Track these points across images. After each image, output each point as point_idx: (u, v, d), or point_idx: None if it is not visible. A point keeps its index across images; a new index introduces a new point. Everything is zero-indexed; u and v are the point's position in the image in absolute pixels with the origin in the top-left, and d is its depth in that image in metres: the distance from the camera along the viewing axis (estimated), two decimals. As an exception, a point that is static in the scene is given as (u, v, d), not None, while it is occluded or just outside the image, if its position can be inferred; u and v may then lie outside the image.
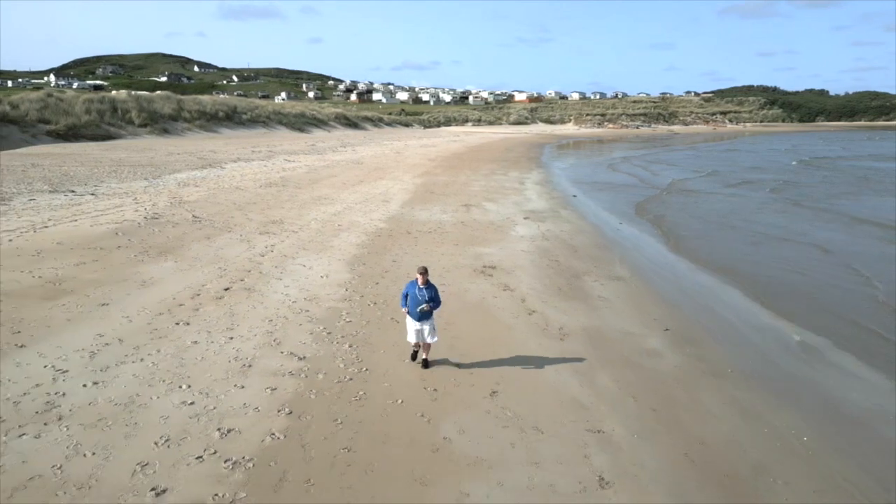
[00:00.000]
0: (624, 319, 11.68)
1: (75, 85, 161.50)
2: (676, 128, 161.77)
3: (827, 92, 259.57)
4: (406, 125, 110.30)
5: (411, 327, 8.57)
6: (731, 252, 19.03)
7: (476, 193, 28.05)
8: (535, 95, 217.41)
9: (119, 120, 47.38)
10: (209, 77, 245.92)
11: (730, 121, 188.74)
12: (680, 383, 8.96)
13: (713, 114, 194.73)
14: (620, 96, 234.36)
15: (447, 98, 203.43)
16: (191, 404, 7.27)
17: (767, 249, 19.36)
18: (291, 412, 7.25)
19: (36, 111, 41.49)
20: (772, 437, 7.56)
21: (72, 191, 21.51)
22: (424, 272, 8.62)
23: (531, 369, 9.00)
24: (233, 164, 34.68)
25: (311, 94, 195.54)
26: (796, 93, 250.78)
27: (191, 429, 6.73)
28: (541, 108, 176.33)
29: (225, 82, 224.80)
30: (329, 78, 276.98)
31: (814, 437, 7.65)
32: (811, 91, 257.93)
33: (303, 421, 7.08)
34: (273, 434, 6.75)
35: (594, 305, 12.41)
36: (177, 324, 9.77)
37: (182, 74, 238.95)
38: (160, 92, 63.03)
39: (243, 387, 7.79)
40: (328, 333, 9.83)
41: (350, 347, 9.32)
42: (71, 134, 41.73)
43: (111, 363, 8.18)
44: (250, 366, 8.41)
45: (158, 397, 7.38)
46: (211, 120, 57.31)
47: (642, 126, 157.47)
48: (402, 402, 7.67)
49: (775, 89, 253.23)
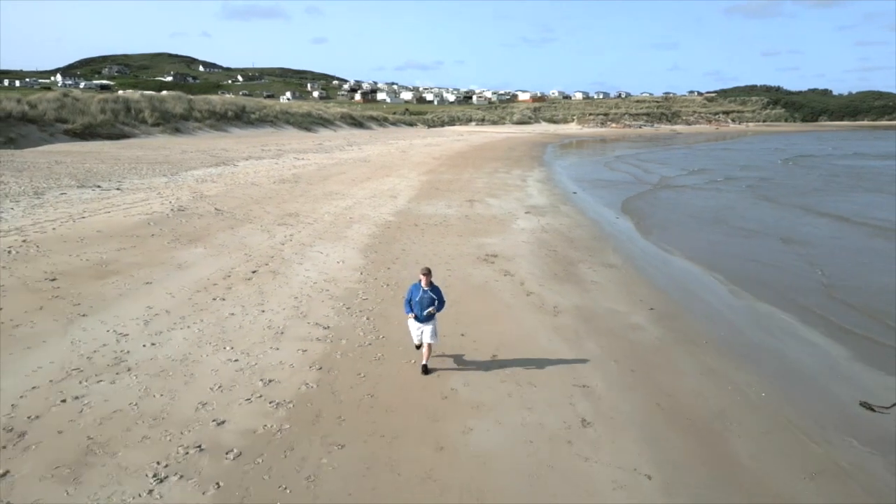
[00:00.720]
0: (613, 300, 12.90)
1: (82, 85, 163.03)
2: (679, 127, 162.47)
3: (830, 92, 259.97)
4: (410, 125, 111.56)
5: (413, 329, 8.62)
6: (706, 242, 20.49)
7: (479, 190, 29.25)
8: (539, 95, 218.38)
9: (133, 119, 48.80)
10: (214, 77, 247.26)
11: (732, 120, 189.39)
12: (657, 350, 10.19)
13: (716, 113, 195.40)
14: (624, 96, 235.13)
15: (451, 98, 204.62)
16: (235, 361, 8.54)
17: (737, 240, 20.90)
18: (321, 368, 8.52)
19: (53, 111, 42.92)
20: (733, 392, 8.79)
21: (98, 186, 22.84)
22: (428, 273, 8.54)
23: (527, 338, 10.24)
24: (245, 162, 35.99)
25: (316, 94, 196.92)
26: (799, 92, 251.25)
27: (238, 379, 8.01)
28: (544, 108, 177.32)
29: (230, 82, 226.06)
30: (333, 78, 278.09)
31: (770, 392, 8.88)
32: (814, 91, 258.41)
33: (331, 375, 8.34)
34: (307, 384, 8.02)
35: (586, 288, 13.63)
36: (214, 299, 11.06)
37: (187, 74, 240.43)
38: (171, 92, 64.55)
39: (278, 349, 9.06)
40: (347, 308, 11.09)
41: (367, 320, 10.58)
42: (87, 133, 43.12)
43: (163, 329, 9.47)
44: (282, 333, 9.69)
45: (207, 356, 8.66)
46: (221, 119, 58.74)
47: (645, 126, 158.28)
48: (415, 363, 8.90)
49: (778, 89, 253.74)
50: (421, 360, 8.67)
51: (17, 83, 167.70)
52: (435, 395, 7.98)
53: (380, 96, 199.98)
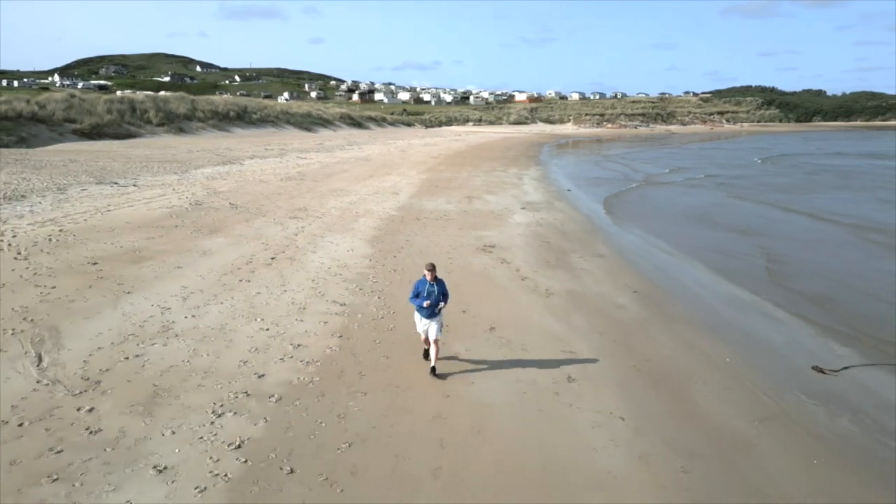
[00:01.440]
0: (600, 284, 14.17)
1: (80, 85, 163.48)
2: (674, 128, 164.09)
3: (824, 92, 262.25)
4: (408, 125, 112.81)
5: (419, 323, 8.69)
6: (675, 233, 21.99)
7: (477, 187, 30.51)
8: (536, 96, 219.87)
9: (138, 119, 49.96)
10: (212, 77, 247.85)
11: (727, 121, 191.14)
12: (638, 325, 11.46)
13: (711, 114, 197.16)
14: (620, 96, 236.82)
15: (448, 98, 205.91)
16: (266, 330, 9.79)
17: (702, 231, 22.63)
18: (342, 336, 9.77)
19: (62, 111, 44.06)
20: (701, 358, 10.07)
21: (115, 182, 24.04)
22: (433, 269, 8.54)
23: (521, 315, 11.50)
24: (250, 161, 37.19)
25: (314, 95, 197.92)
26: (793, 93, 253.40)
27: (271, 343, 9.26)
28: (541, 108, 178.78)
29: (227, 82, 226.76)
30: (331, 78, 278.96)
31: (734, 358, 10.16)
32: (808, 91, 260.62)
33: (351, 341, 9.59)
34: (330, 348, 9.27)
35: (577, 274, 14.91)
36: (240, 281, 12.30)
37: (185, 74, 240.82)
38: (175, 93, 65.65)
39: (302, 321, 10.31)
40: (360, 289, 12.34)
41: (378, 298, 11.83)
42: (95, 132, 44.27)
43: (200, 304, 10.72)
44: (304, 308, 10.94)
45: (241, 326, 9.91)
46: (223, 119, 59.92)
47: (641, 126, 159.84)
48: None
49: (773, 89, 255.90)
50: (431, 360, 8.66)
51: (16, 83, 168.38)
52: (441, 358, 9.23)
53: (377, 97, 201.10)
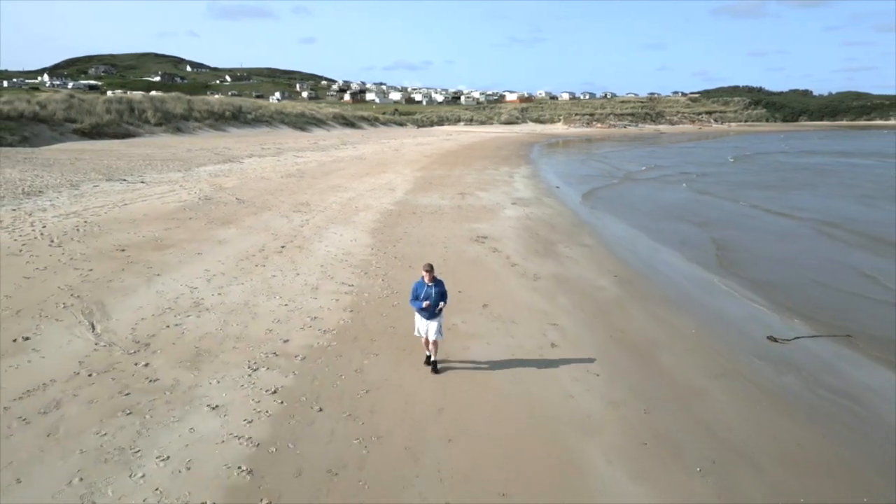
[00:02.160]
0: (583, 270, 15.51)
1: (70, 85, 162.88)
2: (663, 127, 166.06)
3: (810, 92, 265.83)
4: (400, 125, 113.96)
5: (419, 324, 8.69)
6: (642, 224, 23.66)
7: (470, 184, 31.80)
8: (526, 96, 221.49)
9: (136, 119, 50.87)
10: (202, 77, 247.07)
11: (715, 121, 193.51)
12: (616, 303, 12.80)
13: (699, 114, 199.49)
14: (610, 97, 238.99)
15: (439, 98, 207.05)
16: (285, 305, 11.04)
17: (667, 224, 24.09)
18: (352, 311, 11.04)
19: (62, 111, 44.93)
20: (670, 330, 11.41)
21: (124, 179, 25.12)
22: (430, 269, 8.53)
23: (511, 295, 12.81)
24: (249, 160, 38.29)
25: (305, 95, 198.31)
26: (780, 93, 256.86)
27: (291, 316, 10.51)
28: (531, 108, 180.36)
29: (218, 82, 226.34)
30: (322, 78, 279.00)
31: (698, 329, 11.52)
32: (795, 91, 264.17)
33: (361, 314, 10.86)
34: (343, 319, 10.54)
35: (562, 262, 16.23)
36: (256, 265, 13.53)
37: (175, 74, 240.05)
38: (172, 93, 66.44)
39: (316, 298, 11.56)
40: (365, 273, 13.60)
41: (382, 281, 13.09)
42: (95, 132, 45.17)
43: (223, 284, 11.95)
44: (317, 288, 12.19)
45: (263, 302, 11.15)
46: (219, 119, 60.87)
47: (630, 126, 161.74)
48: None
49: (760, 89, 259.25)
50: (431, 355, 8.81)
51: (6, 83, 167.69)
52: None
53: (369, 96, 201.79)
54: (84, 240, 14.52)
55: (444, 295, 8.64)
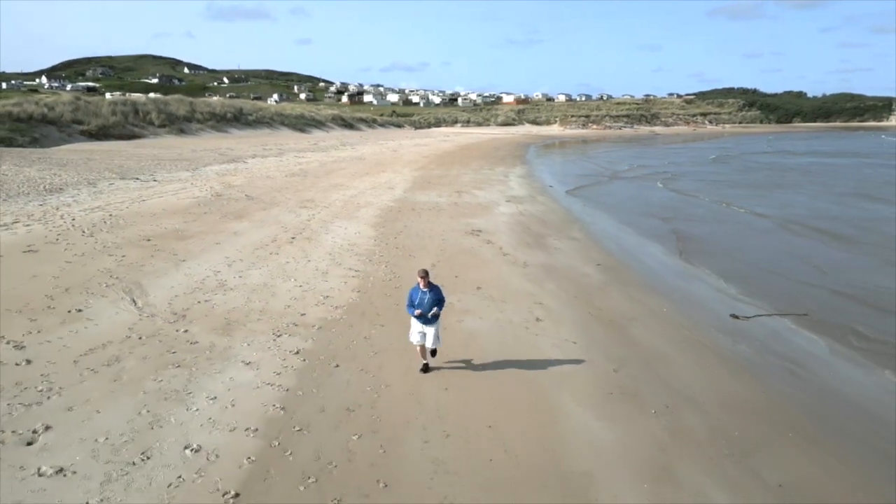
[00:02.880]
0: (570, 259, 16.88)
1: (68, 87, 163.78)
2: (658, 129, 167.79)
3: (805, 94, 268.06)
4: (398, 126, 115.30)
5: (415, 329, 8.63)
6: (617, 218, 25.48)
7: (466, 183, 33.16)
8: (523, 98, 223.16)
9: (140, 121, 52.13)
10: (199, 79, 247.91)
11: (710, 122, 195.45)
12: (597, 288, 14.17)
13: (694, 115, 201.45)
14: (606, 98, 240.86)
15: (437, 100, 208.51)
16: (300, 286, 12.38)
17: (639, 218, 25.74)
18: (360, 291, 12.38)
19: (69, 113, 46.16)
20: (644, 309, 12.77)
21: (137, 178, 26.43)
22: (425, 275, 8.57)
23: (503, 280, 14.16)
24: (252, 160, 39.60)
25: (303, 96, 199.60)
26: (774, 95, 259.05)
27: (305, 295, 11.85)
28: (528, 110, 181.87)
29: (216, 84, 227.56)
30: (319, 80, 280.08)
31: (671, 309, 12.89)
32: (789, 93, 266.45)
33: (367, 294, 12.21)
34: (352, 298, 11.88)
35: (551, 252, 17.60)
36: (270, 254, 14.87)
37: (173, 76, 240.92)
38: (174, 95, 67.74)
39: (327, 281, 12.91)
40: (370, 260, 14.95)
41: (386, 267, 14.44)
42: (101, 133, 46.42)
43: (243, 269, 13.29)
44: (327, 272, 13.53)
45: (280, 283, 12.49)
46: (221, 121, 62.17)
47: (625, 127, 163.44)
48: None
49: (754, 91, 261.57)
50: (425, 358, 8.85)
51: (4, 85, 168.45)
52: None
53: (366, 98, 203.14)
54: (112, 231, 15.85)
55: (441, 302, 8.61)
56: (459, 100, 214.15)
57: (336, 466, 6.27)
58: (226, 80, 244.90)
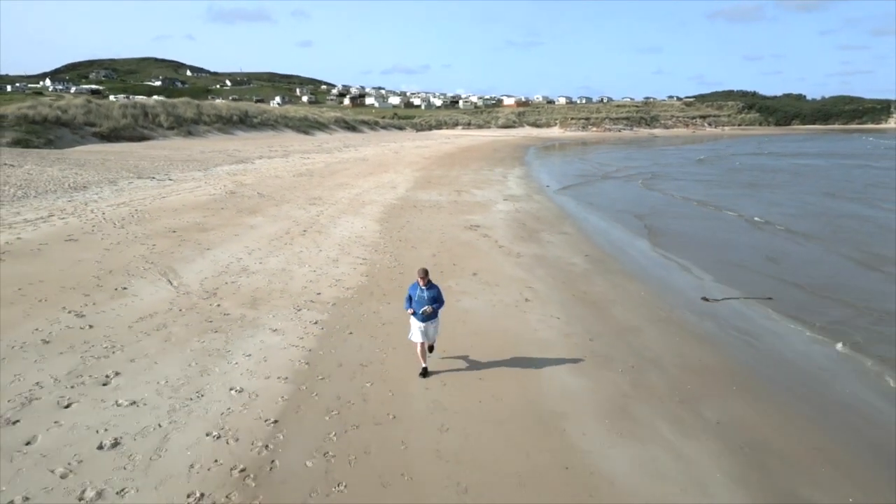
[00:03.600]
0: (561, 251, 18.29)
1: (72, 90, 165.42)
2: (657, 131, 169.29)
3: (804, 96, 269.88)
4: (400, 128, 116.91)
5: (416, 327, 8.75)
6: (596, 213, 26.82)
7: (466, 183, 34.60)
8: (523, 100, 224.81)
9: (150, 123, 53.69)
10: (202, 81, 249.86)
11: (709, 124, 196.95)
12: (583, 275, 15.58)
13: (693, 117, 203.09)
14: (606, 101, 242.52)
15: (438, 102, 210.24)
16: (314, 271, 13.81)
17: (623, 217, 26.93)
18: (368, 275, 13.81)
19: (82, 115, 47.72)
20: (623, 292, 14.18)
21: (153, 177, 27.89)
22: (425, 274, 8.75)
23: (497, 267, 15.58)
24: (259, 161, 41.08)
25: (305, 99, 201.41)
26: (774, 97, 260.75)
27: (319, 278, 13.28)
28: (528, 113, 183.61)
29: (218, 87, 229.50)
30: (321, 82, 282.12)
31: (647, 292, 14.29)
32: (788, 95, 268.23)
33: (374, 279, 13.63)
34: (361, 281, 13.30)
35: (543, 245, 19.01)
36: (285, 244, 16.31)
37: (175, 79, 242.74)
38: (181, 98, 69.32)
39: (338, 267, 14.34)
40: (376, 251, 16.37)
41: (390, 256, 15.86)
42: (113, 135, 47.96)
43: (262, 256, 14.72)
44: (337, 260, 14.96)
45: (296, 269, 13.92)
46: (227, 123, 63.77)
47: (624, 129, 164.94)
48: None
49: (754, 94, 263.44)
50: (421, 364, 8.85)
51: (9, 88, 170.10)
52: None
53: (368, 101, 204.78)
54: (140, 223, 17.30)
55: (439, 300, 8.84)
56: (460, 102, 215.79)
57: (353, 404, 7.70)
58: (228, 83, 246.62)
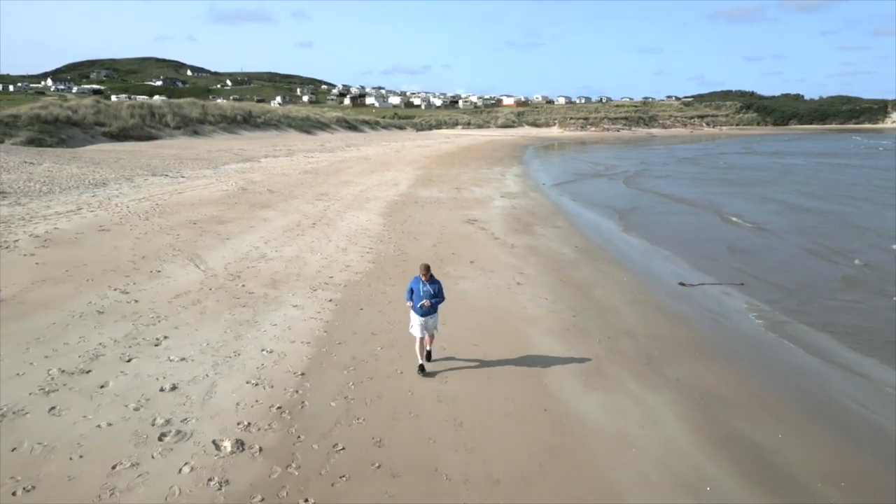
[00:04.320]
0: (552, 243, 19.66)
1: (74, 90, 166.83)
2: (655, 131, 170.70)
3: (802, 96, 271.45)
4: (400, 128, 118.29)
5: (415, 321, 8.94)
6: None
7: (465, 181, 35.97)
8: (523, 100, 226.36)
9: (157, 123, 55.05)
10: (203, 81, 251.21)
11: (707, 124, 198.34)
12: (571, 263, 16.96)
13: (691, 117, 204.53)
14: (605, 101, 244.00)
15: (438, 102, 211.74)
16: (326, 258, 15.18)
17: (609, 212, 28.31)
18: (374, 262, 15.18)
19: (92, 115, 49.07)
20: (608, 278, 15.56)
21: (166, 175, 29.26)
22: (427, 270, 8.91)
23: (492, 256, 16.95)
24: (265, 159, 42.46)
25: (306, 99, 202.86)
26: (772, 97, 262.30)
27: (331, 264, 14.65)
28: (527, 112, 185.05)
29: (219, 87, 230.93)
30: (322, 82, 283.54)
31: (629, 278, 15.67)
32: (786, 95, 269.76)
33: (380, 265, 15.00)
34: (368, 267, 14.68)
35: (536, 237, 20.39)
36: (297, 235, 17.69)
37: (176, 79, 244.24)
38: (187, 99, 70.70)
39: (347, 255, 15.71)
40: (381, 241, 17.75)
41: (395, 246, 17.24)
42: (122, 135, 49.30)
43: (277, 245, 16.11)
44: (346, 249, 16.34)
45: (309, 256, 15.29)
46: (231, 123, 65.13)
47: (623, 129, 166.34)
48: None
49: (752, 94, 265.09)
50: (426, 346, 9.17)
51: (11, 88, 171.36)
52: (438, 274, 14.64)
53: (368, 101, 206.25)
54: (163, 216, 18.69)
55: (439, 296, 9.04)
56: (460, 102, 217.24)
57: (367, 363, 9.08)
58: (229, 83, 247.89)
